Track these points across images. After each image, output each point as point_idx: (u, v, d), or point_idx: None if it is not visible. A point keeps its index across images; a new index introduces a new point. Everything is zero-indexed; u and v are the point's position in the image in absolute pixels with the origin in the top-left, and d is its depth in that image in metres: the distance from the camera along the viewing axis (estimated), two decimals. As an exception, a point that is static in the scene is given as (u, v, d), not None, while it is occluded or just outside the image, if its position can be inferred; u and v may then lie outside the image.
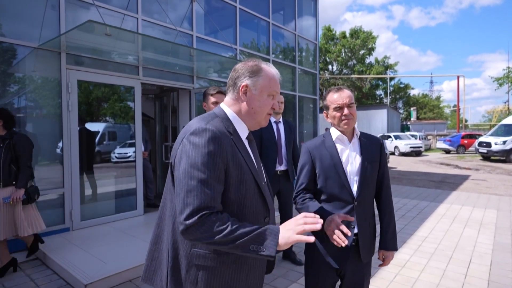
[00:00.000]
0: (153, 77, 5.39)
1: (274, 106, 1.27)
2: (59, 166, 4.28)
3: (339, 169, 1.66)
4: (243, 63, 1.27)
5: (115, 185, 5.28)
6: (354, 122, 1.70)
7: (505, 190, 8.26)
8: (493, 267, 3.59)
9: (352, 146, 1.72)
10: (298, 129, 9.19)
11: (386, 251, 1.75)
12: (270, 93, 1.25)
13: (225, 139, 1.11)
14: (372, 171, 1.71)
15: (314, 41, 10.19)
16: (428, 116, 48.85)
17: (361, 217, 1.67)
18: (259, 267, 1.22)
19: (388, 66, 35.86)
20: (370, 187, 1.71)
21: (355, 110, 1.70)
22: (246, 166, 1.16)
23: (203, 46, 6.20)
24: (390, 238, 1.75)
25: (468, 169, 13.06)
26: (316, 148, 1.74)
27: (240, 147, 1.18)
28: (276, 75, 1.28)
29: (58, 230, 4.23)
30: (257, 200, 1.19)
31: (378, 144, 1.78)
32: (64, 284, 3.12)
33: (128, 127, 5.35)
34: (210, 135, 1.08)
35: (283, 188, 3.64)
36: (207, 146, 1.06)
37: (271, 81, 1.25)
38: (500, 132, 16.53)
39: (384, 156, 1.79)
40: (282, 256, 3.78)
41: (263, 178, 1.29)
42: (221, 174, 1.08)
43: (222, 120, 1.19)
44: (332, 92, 1.72)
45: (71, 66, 4.35)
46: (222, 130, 1.13)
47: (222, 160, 1.08)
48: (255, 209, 1.18)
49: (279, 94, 1.33)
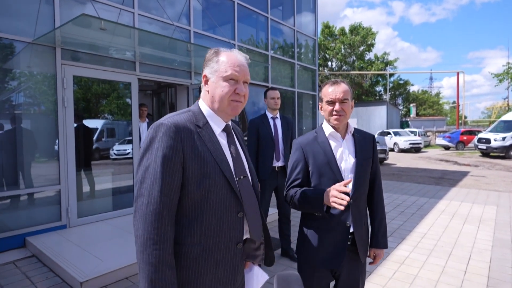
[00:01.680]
0: (151, 73, 5.34)
1: (238, 91, 1.20)
2: (55, 163, 4.25)
3: (333, 166, 1.59)
4: (207, 53, 1.27)
5: (113, 182, 5.25)
6: (346, 119, 1.62)
7: (504, 186, 8.24)
8: (492, 263, 3.56)
9: (346, 143, 1.66)
10: (297, 126, 9.15)
11: (377, 249, 1.73)
12: (227, 77, 1.18)
13: (185, 133, 1.11)
14: (366, 168, 1.67)
15: (313, 37, 10.12)
16: (427, 112, 48.82)
17: (356, 216, 1.62)
18: (230, 262, 1.18)
19: (388, 62, 35.75)
20: (364, 185, 1.67)
21: (349, 107, 1.62)
22: (212, 159, 1.14)
23: (201, 41, 6.14)
24: (382, 236, 1.73)
25: (467, 166, 13.04)
26: (309, 144, 1.66)
27: (208, 140, 1.16)
28: (234, 57, 1.21)
29: (55, 227, 4.20)
30: (226, 194, 1.16)
31: (371, 140, 1.74)
32: (60, 282, 3.10)
33: (127, 124, 5.30)
34: (165, 130, 1.09)
35: (281, 184, 3.60)
36: (161, 140, 1.08)
37: (226, 64, 1.19)
38: (500, 128, 16.50)
39: (376, 152, 1.75)
40: (281, 253, 3.76)
41: (242, 172, 1.25)
42: (175, 168, 1.08)
43: (193, 114, 1.20)
44: (328, 85, 1.64)
45: (67, 61, 4.30)
46: (184, 124, 1.13)
47: (177, 154, 1.08)
48: (224, 203, 1.15)
49: (245, 77, 1.23)
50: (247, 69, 1.24)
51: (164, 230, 1.05)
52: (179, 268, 1.12)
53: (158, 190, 1.05)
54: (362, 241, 1.65)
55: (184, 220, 1.12)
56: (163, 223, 1.05)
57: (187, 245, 1.12)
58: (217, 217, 1.14)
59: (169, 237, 1.06)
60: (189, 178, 1.10)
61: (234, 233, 1.18)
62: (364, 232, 1.67)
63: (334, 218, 1.59)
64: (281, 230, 3.71)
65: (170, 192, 1.07)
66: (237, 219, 1.18)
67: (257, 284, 1.34)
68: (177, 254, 1.11)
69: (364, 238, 1.67)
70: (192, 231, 1.12)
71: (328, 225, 1.61)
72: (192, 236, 1.12)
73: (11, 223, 3.91)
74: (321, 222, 1.62)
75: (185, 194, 1.10)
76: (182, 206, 1.12)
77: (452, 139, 21.66)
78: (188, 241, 1.12)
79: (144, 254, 1.03)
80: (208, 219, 1.13)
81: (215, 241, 1.14)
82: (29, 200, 4.12)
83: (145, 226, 1.04)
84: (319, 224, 1.63)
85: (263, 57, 8.03)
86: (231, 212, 1.17)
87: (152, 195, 1.05)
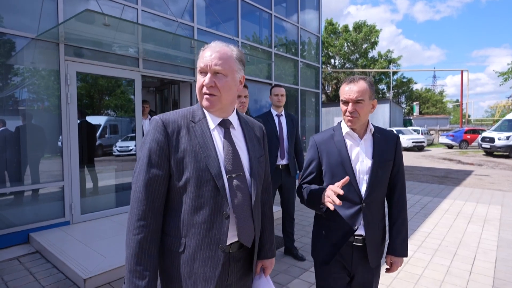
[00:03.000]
0: (154, 70, 5.31)
1: (204, 83, 1.15)
2: (59, 159, 4.24)
3: (347, 167, 1.53)
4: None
5: (116, 178, 5.24)
6: (360, 121, 1.53)
7: (509, 186, 8.18)
8: (498, 263, 3.53)
9: (364, 143, 1.58)
10: (300, 123, 9.11)
11: (395, 256, 1.63)
12: (199, 71, 1.18)
13: (173, 127, 1.14)
14: (385, 171, 1.57)
15: (317, 34, 10.05)
16: (430, 111, 48.55)
17: (369, 219, 1.55)
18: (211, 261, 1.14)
19: (391, 60, 35.53)
20: (381, 188, 1.58)
21: (365, 108, 1.51)
22: (199, 154, 1.14)
23: (205, 38, 6.10)
24: (400, 244, 1.61)
25: (471, 164, 12.96)
26: (324, 142, 1.61)
27: (200, 135, 1.16)
28: (206, 49, 1.18)
29: (58, 223, 4.20)
30: (211, 191, 1.13)
31: (394, 141, 1.62)
32: (64, 278, 3.10)
33: (130, 120, 5.29)
34: (154, 124, 1.15)
35: (285, 183, 3.58)
36: (150, 134, 1.14)
37: (200, 58, 1.19)
38: (504, 127, 16.39)
39: (400, 154, 1.63)
40: (284, 251, 3.74)
41: (236, 170, 1.19)
42: (160, 160, 1.12)
43: (192, 110, 1.22)
44: (345, 83, 1.55)
45: (70, 57, 4.28)
46: (174, 119, 1.16)
47: (161, 147, 1.12)
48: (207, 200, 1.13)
49: (212, 68, 1.15)
50: (220, 57, 1.15)
51: (145, 217, 1.10)
52: (162, 257, 1.18)
53: (142, 180, 1.11)
54: (375, 245, 1.59)
55: (170, 212, 1.17)
56: (144, 211, 1.10)
57: (171, 237, 1.16)
58: (199, 214, 1.13)
59: (148, 224, 1.10)
60: (174, 171, 1.13)
61: (216, 233, 1.14)
62: (378, 236, 1.60)
63: (343, 219, 1.55)
64: (285, 228, 3.69)
65: (154, 183, 1.11)
66: (221, 219, 1.14)
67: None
68: (163, 243, 1.17)
69: (376, 242, 1.59)
70: (176, 224, 1.15)
71: (337, 226, 1.58)
72: (176, 229, 1.15)
73: (15, 219, 3.91)
74: (332, 223, 1.59)
75: (172, 187, 1.15)
76: (168, 198, 1.16)
77: (456, 138, 21.55)
78: (172, 233, 1.16)
79: (127, 237, 1.11)
80: (190, 214, 1.13)
81: (197, 238, 1.14)
82: (33, 196, 4.12)
83: (131, 211, 1.12)
84: (330, 225, 1.60)
85: (267, 54, 7.98)
86: (215, 211, 1.13)
87: (137, 183, 1.12)
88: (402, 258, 1.63)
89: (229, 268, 1.21)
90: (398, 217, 1.63)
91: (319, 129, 10.32)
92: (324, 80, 32.64)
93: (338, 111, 22.99)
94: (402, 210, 1.64)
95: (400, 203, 1.64)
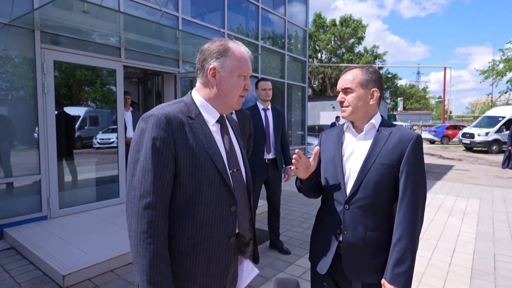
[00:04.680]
0: (136, 60, 5.15)
1: (247, 87, 1.21)
2: (35, 152, 4.07)
3: (337, 163, 1.43)
4: (210, 44, 1.20)
5: (96, 171, 5.09)
6: (355, 113, 1.41)
7: (487, 180, 8.45)
8: (476, 255, 3.63)
9: (363, 139, 1.43)
10: (286, 117, 9.09)
11: (385, 281, 1.30)
12: (241, 73, 1.18)
13: (177, 124, 1.09)
14: (383, 173, 1.34)
15: (304, 27, 10.00)
16: (414, 106, 49.62)
17: (352, 225, 1.37)
18: (222, 256, 1.16)
19: (377, 55, 35.92)
20: (374, 192, 1.35)
21: (355, 97, 1.39)
22: (205, 151, 1.11)
23: (190, 29, 5.95)
24: (393, 266, 1.28)
25: (452, 159, 13.32)
26: (327, 137, 1.56)
27: (201, 131, 1.13)
28: (245, 53, 1.21)
29: (35, 218, 4.05)
30: (219, 188, 1.14)
31: (406, 142, 1.34)
32: (41, 275, 2.99)
33: (111, 112, 5.13)
34: (155, 121, 1.06)
35: (271, 177, 3.56)
36: (151, 132, 1.05)
37: (240, 60, 1.18)
38: (483, 123, 16.89)
39: (412, 159, 1.33)
40: (269, 245, 3.73)
41: (235, 165, 1.23)
42: (166, 159, 1.06)
43: (185, 105, 1.17)
44: (342, 74, 1.48)
45: (47, 45, 4.08)
46: (175, 114, 1.10)
47: (168, 145, 1.06)
48: (216, 196, 1.13)
49: (251, 74, 1.24)
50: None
51: (157, 223, 1.03)
52: (171, 262, 1.10)
53: (150, 183, 1.02)
54: (354, 256, 1.37)
55: (175, 213, 1.11)
56: (156, 217, 1.03)
57: (178, 239, 1.11)
58: (209, 211, 1.12)
59: (162, 230, 1.05)
60: (181, 170, 1.07)
61: (226, 227, 1.16)
62: (362, 247, 1.36)
63: (330, 220, 1.46)
64: (270, 222, 3.68)
65: (162, 185, 1.04)
66: (230, 212, 1.17)
67: (247, 278, 1.34)
68: (169, 248, 1.09)
69: (359, 253, 1.37)
70: (184, 224, 1.10)
71: (325, 227, 1.49)
72: (184, 229, 1.10)
73: (-13, 214, 3.74)
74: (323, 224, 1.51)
75: (177, 187, 1.09)
76: (173, 199, 1.10)
77: (438, 133, 22.10)
78: (179, 234, 1.11)
79: (139, 248, 1.02)
80: (200, 212, 1.11)
81: (207, 235, 1.12)
82: (7, 190, 3.94)
83: (138, 219, 1.02)
84: (322, 225, 1.52)
85: (253, 46, 7.88)
86: (224, 206, 1.15)
87: (144, 188, 1.02)
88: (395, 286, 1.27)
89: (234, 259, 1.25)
90: (396, 233, 1.31)
91: (305, 123, 10.34)
92: (310, 74, 32.72)
93: (324, 105, 23.14)
94: (406, 226, 1.29)
95: (404, 218, 1.30)
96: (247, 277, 1.34)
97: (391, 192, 1.37)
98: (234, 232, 1.19)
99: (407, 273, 1.27)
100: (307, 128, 10.48)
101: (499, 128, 15.66)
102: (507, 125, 15.63)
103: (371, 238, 1.36)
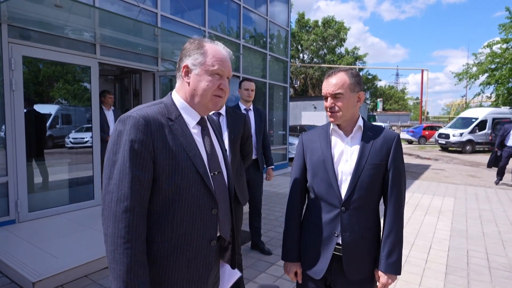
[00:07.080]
0: (113, 57, 4.98)
1: (222, 86, 1.17)
2: (2, 152, 3.85)
3: (328, 165, 1.42)
4: (188, 43, 1.19)
5: (69, 172, 4.89)
6: (344, 117, 1.41)
7: (461, 179, 8.75)
8: (450, 252, 3.73)
9: (351, 141, 1.44)
10: (267, 117, 9.08)
11: (381, 272, 1.41)
12: (214, 71, 1.14)
13: (155, 126, 1.05)
14: (373, 173, 1.40)
15: (285, 27, 10.03)
16: (393, 107, 50.92)
17: (350, 226, 1.40)
18: (203, 260, 1.14)
19: (358, 57, 36.58)
20: (367, 193, 1.40)
21: (346, 102, 1.39)
22: (185, 153, 1.09)
23: (169, 26, 5.82)
24: (387, 257, 1.39)
25: (428, 159, 13.74)
26: (310, 139, 1.52)
27: (181, 134, 1.11)
28: (221, 52, 1.18)
29: (2, 222, 3.83)
30: (199, 191, 1.11)
31: (390, 141, 1.42)
32: (9, 282, 2.83)
33: (85, 110, 4.93)
34: (133, 122, 1.02)
35: (253, 178, 3.52)
36: (129, 134, 1.02)
37: (214, 58, 1.15)
38: (458, 124, 17.53)
39: (397, 157, 1.43)
40: (251, 246, 3.70)
41: (216, 167, 1.21)
42: (145, 162, 1.02)
43: (165, 106, 1.14)
44: (326, 78, 1.44)
45: (15, 40, 3.87)
46: (154, 116, 1.07)
47: (146, 148, 1.02)
48: (197, 199, 1.11)
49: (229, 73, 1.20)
50: (230, 64, 1.21)
51: (135, 227, 0.99)
52: (149, 266, 1.07)
53: (127, 186, 0.99)
54: (355, 257, 1.42)
55: (154, 217, 1.07)
56: (134, 221, 0.99)
57: (157, 243, 1.08)
58: (189, 214, 1.10)
59: (140, 235, 1.01)
60: (160, 173, 1.04)
61: (207, 230, 1.14)
62: (361, 247, 1.43)
63: (324, 224, 1.45)
64: (252, 223, 3.64)
65: (141, 188, 1.01)
66: (211, 216, 1.15)
67: (228, 281, 1.32)
68: (147, 252, 1.06)
69: (358, 253, 1.43)
70: (163, 228, 1.07)
71: (319, 231, 1.47)
72: (163, 233, 1.08)
73: (-52, 219, 3.50)
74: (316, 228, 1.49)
75: (156, 190, 1.06)
76: (152, 202, 1.06)
77: (415, 134, 22.78)
78: (158, 238, 1.08)
79: (115, 253, 0.98)
80: (180, 215, 1.08)
81: (187, 238, 1.10)
82: (-29, 192, 3.71)
83: (115, 224, 0.98)
84: (314, 229, 1.49)
85: (235, 45, 7.82)
86: (205, 209, 1.13)
87: (121, 191, 0.99)
88: (390, 275, 1.40)
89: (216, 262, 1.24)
90: (387, 227, 1.43)
91: (286, 123, 10.37)
92: (292, 74, 32.93)
93: (305, 105, 23.31)
94: (395, 220, 1.42)
95: (393, 212, 1.42)
96: (228, 280, 1.32)
97: (380, 189, 1.46)
98: (215, 235, 1.17)
99: (398, 261, 1.41)
100: (288, 128, 10.52)
101: (472, 129, 16.30)
102: (480, 126, 16.31)
103: (367, 235, 1.44)
